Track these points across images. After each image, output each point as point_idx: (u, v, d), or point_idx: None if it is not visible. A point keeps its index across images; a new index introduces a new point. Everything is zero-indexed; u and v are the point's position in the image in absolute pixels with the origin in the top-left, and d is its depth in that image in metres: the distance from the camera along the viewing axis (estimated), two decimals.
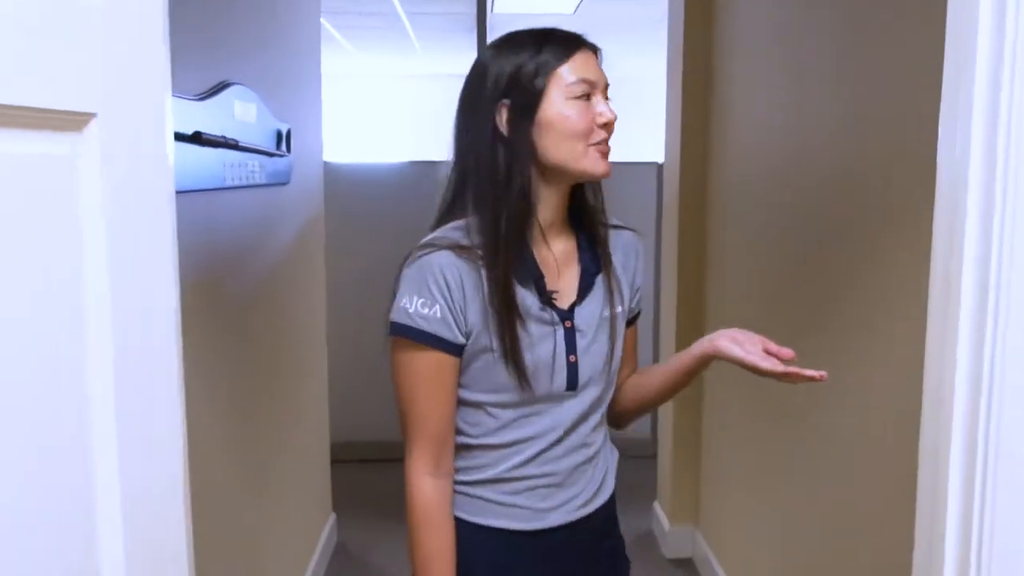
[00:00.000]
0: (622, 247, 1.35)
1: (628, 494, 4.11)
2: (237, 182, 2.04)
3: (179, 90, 1.65)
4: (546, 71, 1.18)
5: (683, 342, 2.92)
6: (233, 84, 1.99)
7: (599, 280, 1.28)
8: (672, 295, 3.12)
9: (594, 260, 1.28)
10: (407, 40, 7.53)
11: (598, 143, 1.20)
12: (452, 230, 1.22)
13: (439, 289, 1.16)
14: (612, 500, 1.39)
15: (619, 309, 1.30)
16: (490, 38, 5.69)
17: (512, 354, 1.18)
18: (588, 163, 1.20)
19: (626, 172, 4.10)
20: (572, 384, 1.24)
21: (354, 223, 4.19)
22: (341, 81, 9.06)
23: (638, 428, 4.34)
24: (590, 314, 1.26)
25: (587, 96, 1.19)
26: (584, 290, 1.26)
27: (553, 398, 1.24)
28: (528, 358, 1.20)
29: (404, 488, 1.23)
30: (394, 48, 7.92)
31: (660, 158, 4.13)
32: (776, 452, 2.34)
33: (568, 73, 1.18)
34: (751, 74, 2.57)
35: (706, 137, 2.96)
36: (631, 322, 1.38)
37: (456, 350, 1.19)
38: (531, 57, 1.19)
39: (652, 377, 1.38)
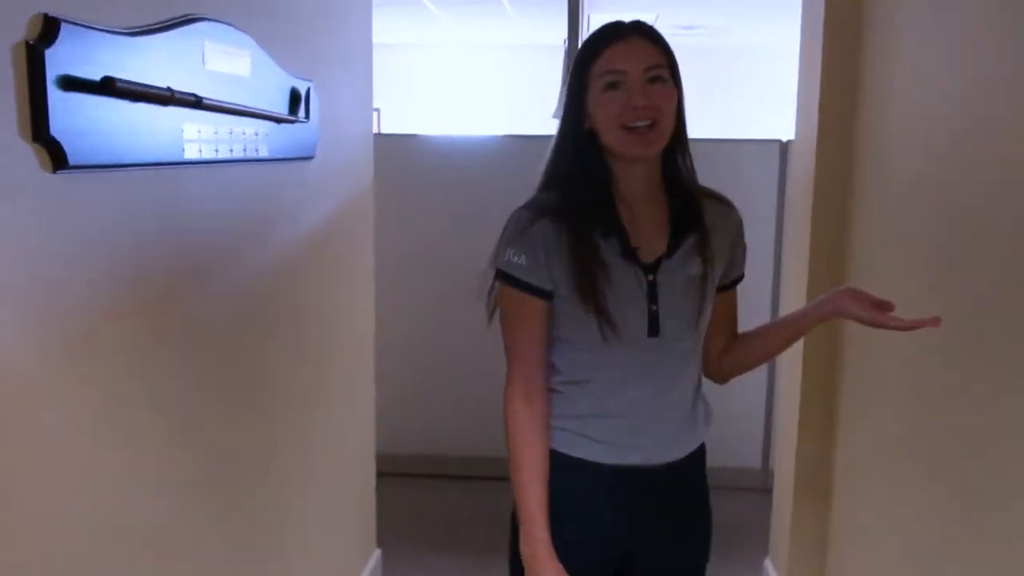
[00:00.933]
0: (721, 217, 1.46)
1: (732, 541, 3.49)
2: (215, 155, 1.50)
3: (81, 14, 1.10)
4: (586, 67, 1.34)
5: (811, 334, 2.31)
6: (205, 20, 1.44)
7: (689, 241, 1.40)
8: (800, 282, 2.44)
9: (685, 223, 1.40)
10: (499, 3, 6.94)
11: (632, 128, 1.31)
12: (546, 194, 1.40)
13: (526, 241, 1.35)
14: (696, 454, 1.50)
15: (709, 270, 1.41)
16: (586, 6, 5.07)
17: (593, 298, 1.34)
18: (626, 145, 1.33)
19: (743, 150, 3.48)
20: (654, 331, 1.37)
21: (439, 200, 3.69)
22: (429, 51, 8.56)
23: (746, 456, 3.68)
24: (675, 269, 1.38)
25: (616, 85, 1.31)
26: (672, 248, 1.38)
27: (636, 344, 1.37)
28: (610, 304, 1.34)
29: (502, 413, 1.41)
30: (485, 12, 7.35)
31: (783, 135, 3.47)
32: (954, 501, 1.67)
33: (599, 67, 1.33)
34: (923, 44, 1.87)
35: (853, 116, 2.26)
36: (730, 286, 1.51)
37: (542, 294, 1.37)
38: (581, 54, 1.37)
39: (765, 339, 1.51)
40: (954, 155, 1.71)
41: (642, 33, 1.34)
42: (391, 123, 8.19)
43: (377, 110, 8.40)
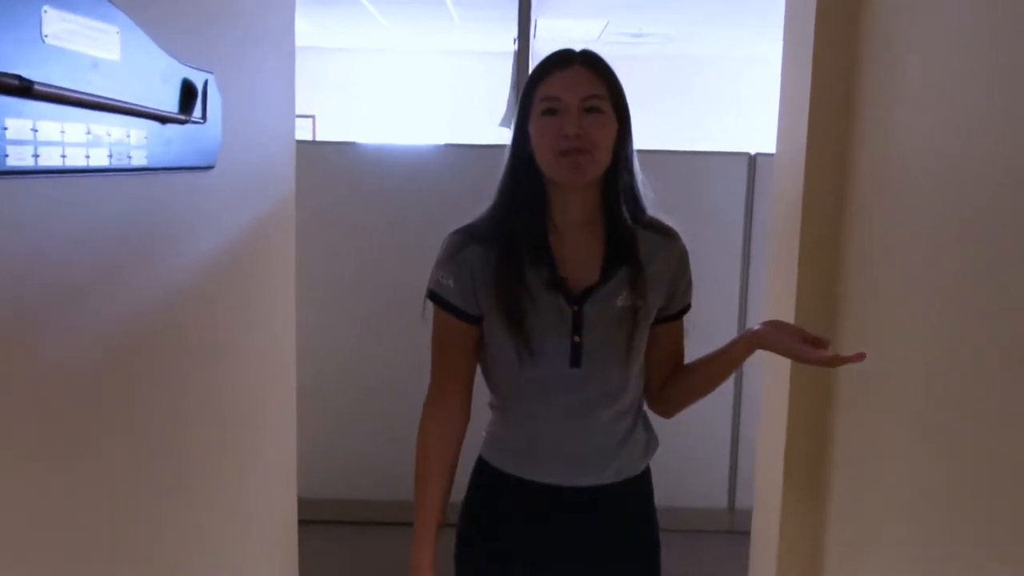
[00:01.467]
0: (661, 249, 1.43)
1: None
2: (61, 163, 1.13)
3: None
4: (531, 91, 1.36)
5: (798, 374, 2.10)
6: None
7: (621, 273, 1.38)
8: (787, 310, 2.14)
9: (619, 255, 1.38)
10: (443, 9, 6.62)
11: (565, 153, 1.31)
12: (483, 218, 1.42)
13: (455, 266, 1.38)
14: (632, 482, 1.46)
15: (640, 303, 1.39)
16: (534, 11, 4.79)
17: (514, 324, 1.35)
18: (556, 171, 1.34)
19: (709, 163, 3.20)
20: (575, 362, 1.37)
21: (374, 213, 3.34)
22: (371, 56, 8.19)
23: (711, 496, 3.39)
24: (603, 301, 1.37)
25: (553, 112, 1.33)
26: (603, 280, 1.38)
27: (556, 374, 1.38)
28: (531, 331, 1.35)
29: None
30: (430, 19, 7.02)
31: (751, 148, 3.23)
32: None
33: (539, 93, 1.35)
34: (928, 50, 1.60)
35: (848, 129, 1.98)
36: (673, 318, 1.48)
37: (467, 318, 1.40)
38: (529, 78, 1.38)
39: (699, 372, 1.47)
40: (965, 174, 1.44)
41: (586, 63, 1.35)
42: (328, 131, 7.79)
43: (312, 116, 8.04)
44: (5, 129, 1.00)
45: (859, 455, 1.93)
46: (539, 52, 4.75)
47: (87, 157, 1.19)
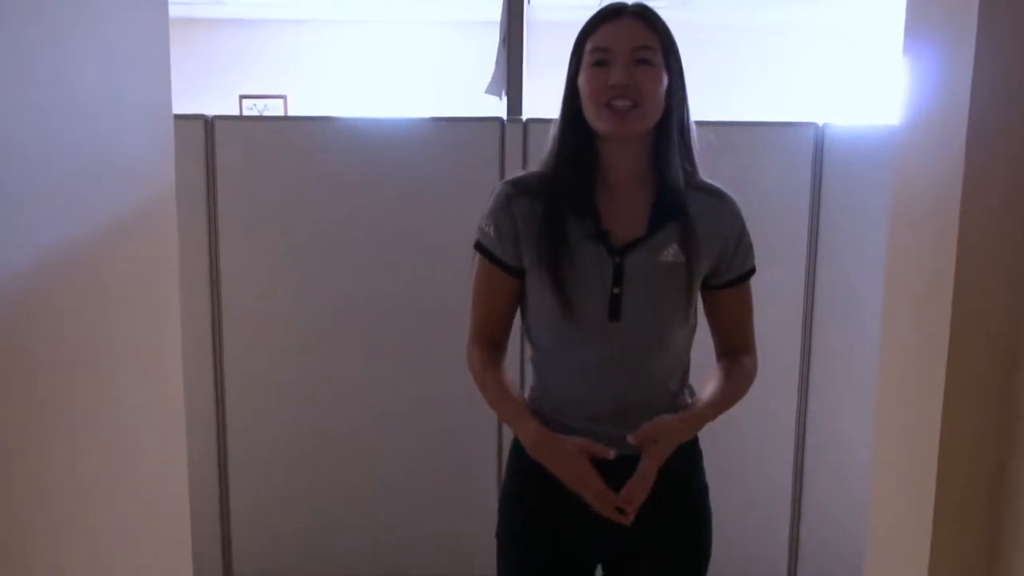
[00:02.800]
0: (711, 210, 1.39)
1: None
2: None
3: None
4: (581, 43, 1.36)
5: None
6: None
7: (668, 228, 1.36)
8: (937, 337, 1.38)
9: (667, 209, 1.36)
10: None
11: (609, 105, 1.31)
12: (533, 171, 1.41)
13: (498, 215, 1.38)
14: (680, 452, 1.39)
15: (689, 261, 1.36)
16: None
17: (552, 275, 1.34)
18: (601, 122, 1.33)
19: (766, 134, 2.57)
20: (614, 315, 1.34)
21: (355, 193, 2.57)
22: (346, 29, 7.37)
23: (763, 568, 2.67)
24: (647, 255, 1.35)
25: (603, 63, 1.32)
26: (649, 233, 1.35)
27: (595, 326, 1.35)
28: (568, 282, 1.34)
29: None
30: None
31: (814, 118, 2.56)
32: None
33: (590, 44, 1.34)
34: None
35: None
36: (730, 284, 1.43)
37: (506, 268, 1.39)
38: (580, 31, 1.37)
39: (706, 386, 1.44)
40: None
41: (637, 14, 1.34)
42: (302, 111, 6.98)
43: (283, 96, 7.22)
44: None
45: None
46: (534, 19, 3.95)
47: None
